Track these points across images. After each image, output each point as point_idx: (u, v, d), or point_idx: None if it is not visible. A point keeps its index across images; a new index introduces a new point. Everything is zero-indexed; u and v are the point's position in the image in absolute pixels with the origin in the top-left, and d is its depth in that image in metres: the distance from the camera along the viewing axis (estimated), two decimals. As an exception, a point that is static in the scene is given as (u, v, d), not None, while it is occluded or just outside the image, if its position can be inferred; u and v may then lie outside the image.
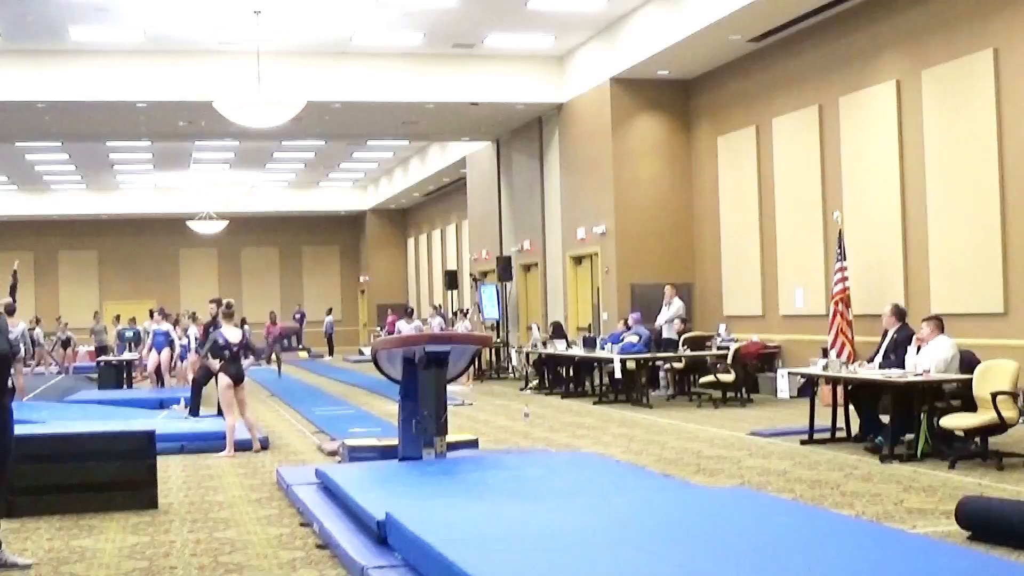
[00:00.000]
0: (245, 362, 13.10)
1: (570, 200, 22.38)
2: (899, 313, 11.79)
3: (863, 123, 15.68)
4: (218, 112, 18.17)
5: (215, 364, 12.60)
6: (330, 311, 40.28)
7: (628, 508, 7.20)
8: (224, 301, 12.97)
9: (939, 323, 10.98)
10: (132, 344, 23.24)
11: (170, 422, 14.09)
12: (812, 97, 16.94)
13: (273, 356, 28.59)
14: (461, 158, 29.96)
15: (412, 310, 28.31)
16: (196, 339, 17.40)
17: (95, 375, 23.74)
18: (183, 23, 18.75)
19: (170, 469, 11.03)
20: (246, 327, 16.11)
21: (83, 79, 20.31)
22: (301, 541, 7.64)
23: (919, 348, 10.95)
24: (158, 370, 20.36)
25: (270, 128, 20.44)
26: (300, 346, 38.24)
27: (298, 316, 39.25)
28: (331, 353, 37.69)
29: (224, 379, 12.31)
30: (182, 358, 19.75)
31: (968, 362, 10.63)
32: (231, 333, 12.52)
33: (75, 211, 39.59)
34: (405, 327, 23.70)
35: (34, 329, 25.47)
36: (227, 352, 12.37)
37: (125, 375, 21.96)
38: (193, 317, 20.09)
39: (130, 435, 9.49)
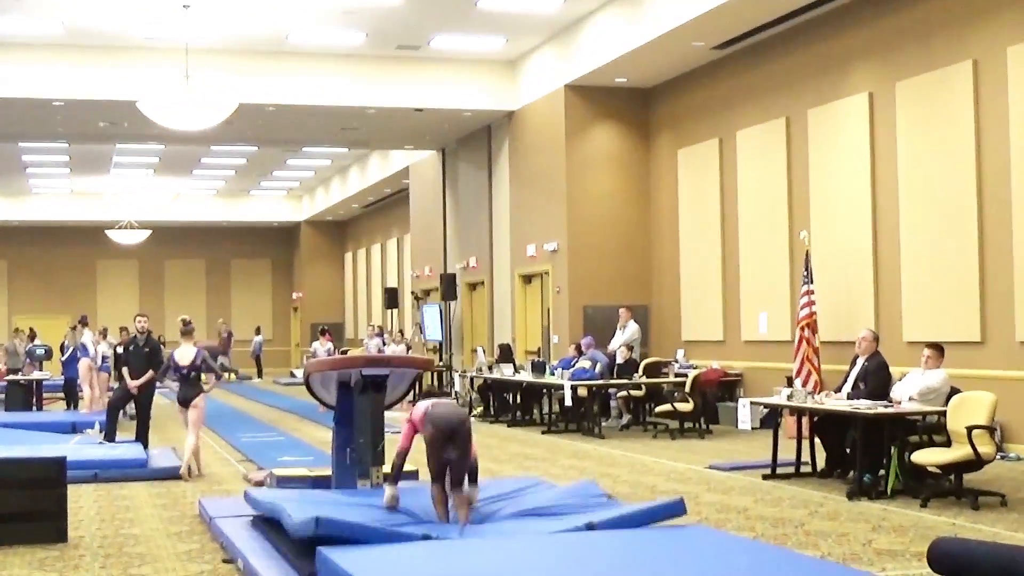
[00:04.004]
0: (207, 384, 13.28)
1: (520, 215, 22.37)
2: (876, 340, 11.84)
3: (833, 138, 15.79)
4: (142, 113, 17.97)
5: (175, 386, 12.86)
6: (259, 331, 39.98)
7: (576, 545, 7.14)
8: (181, 319, 13.11)
9: (940, 352, 10.95)
10: (41, 364, 22.87)
11: (83, 448, 13.89)
12: (779, 109, 17.04)
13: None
14: (404, 168, 29.90)
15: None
16: (103, 358, 17.25)
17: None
18: (105, 16, 18.55)
19: (82, 499, 10.87)
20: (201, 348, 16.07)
21: (-6, 74, 20.05)
22: (223, 579, 7.53)
23: (902, 376, 10.99)
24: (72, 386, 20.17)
25: (198, 131, 20.27)
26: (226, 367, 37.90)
27: (225, 335, 38.90)
28: (260, 375, 37.43)
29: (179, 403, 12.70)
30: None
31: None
32: (182, 354, 12.64)
33: (-18, 217, 39.03)
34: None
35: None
36: (177, 374, 12.59)
37: (35, 397, 21.61)
38: (104, 334, 19.84)
39: (37, 462, 9.32)
